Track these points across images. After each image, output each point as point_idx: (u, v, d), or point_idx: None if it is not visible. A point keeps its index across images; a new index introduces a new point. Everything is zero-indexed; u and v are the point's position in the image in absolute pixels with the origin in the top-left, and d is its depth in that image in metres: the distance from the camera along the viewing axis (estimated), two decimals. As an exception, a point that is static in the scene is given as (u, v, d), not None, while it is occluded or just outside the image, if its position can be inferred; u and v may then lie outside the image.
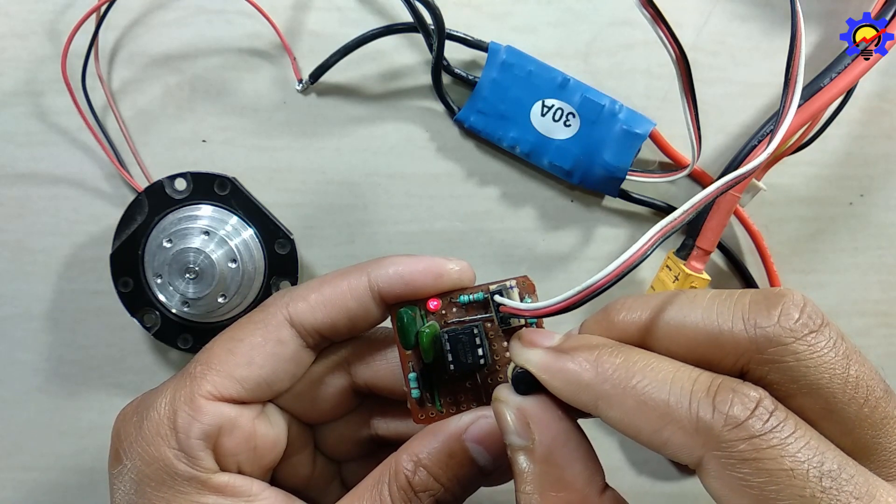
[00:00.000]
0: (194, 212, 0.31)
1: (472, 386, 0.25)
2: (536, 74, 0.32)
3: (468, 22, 0.33)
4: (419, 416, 0.25)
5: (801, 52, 0.24)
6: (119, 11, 0.32)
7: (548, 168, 0.33)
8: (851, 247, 0.35)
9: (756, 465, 0.17)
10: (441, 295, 0.24)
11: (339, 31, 0.32)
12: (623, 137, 0.32)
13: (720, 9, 0.34)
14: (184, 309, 0.31)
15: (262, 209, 0.32)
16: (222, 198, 0.32)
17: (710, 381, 0.18)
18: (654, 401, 0.18)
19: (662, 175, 0.33)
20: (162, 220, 0.31)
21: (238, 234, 0.31)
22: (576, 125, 0.32)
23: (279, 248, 0.32)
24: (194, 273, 0.30)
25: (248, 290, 0.31)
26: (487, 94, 0.32)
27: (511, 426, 0.21)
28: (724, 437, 0.17)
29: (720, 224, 0.32)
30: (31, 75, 0.32)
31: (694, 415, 0.17)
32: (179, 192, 0.31)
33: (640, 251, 0.19)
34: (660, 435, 0.18)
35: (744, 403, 0.17)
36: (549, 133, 0.32)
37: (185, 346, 0.32)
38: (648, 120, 0.32)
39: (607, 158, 0.32)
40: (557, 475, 0.20)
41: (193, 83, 0.33)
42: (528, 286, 0.24)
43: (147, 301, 0.32)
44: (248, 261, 0.31)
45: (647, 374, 0.18)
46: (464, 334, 0.23)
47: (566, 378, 0.20)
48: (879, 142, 0.35)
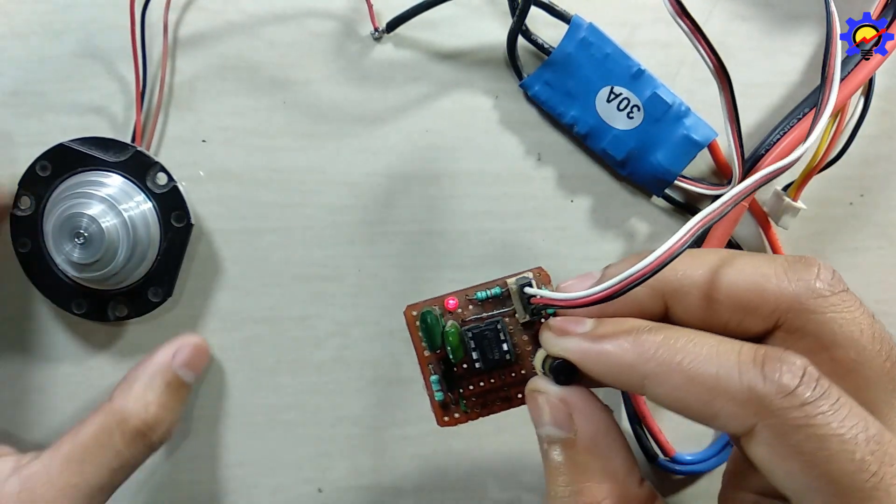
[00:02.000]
0: (101, 178, 0.31)
1: (495, 383, 0.24)
2: (613, 59, 0.32)
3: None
4: (444, 420, 0.24)
5: (836, 49, 0.24)
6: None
7: (601, 154, 0.33)
8: (852, 247, 0.35)
9: (808, 431, 0.17)
10: (457, 292, 0.24)
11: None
12: (682, 142, 0.32)
13: (720, 9, 0.34)
14: (75, 273, 0.30)
15: (178, 191, 0.31)
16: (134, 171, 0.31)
17: (755, 352, 0.18)
18: (703, 375, 0.18)
19: (709, 187, 0.33)
20: (67, 180, 0.31)
21: (138, 206, 0.31)
22: (638, 119, 0.32)
23: (175, 220, 0.31)
24: (83, 238, 0.29)
25: (140, 262, 0.31)
26: (559, 67, 0.32)
27: (550, 417, 0.21)
28: (776, 406, 0.17)
29: (726, 233, 0.32)
30: (31, 75, 0.32)
31: (745, 385, 0.18)
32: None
33: (681, 241, 0.20)
34: (710, 407, 0.18)
35: (792, 371, 0.18)
36: (609, 120, 0.32)
37: (78, 311, 0.32)
38: (711, 129, 0.32)
39: (660, 158, 0.32)
40: (599, 466, 0.20)
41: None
42: (543, 277, 0.24)
43: (45, 264, 0.32)
44: (143, 233, 0.31)
45: (691, 350, 0.19)
46: (488, 330, 0.23)
47: (609, 362, 0.20)
48: (879, 142, 0.35)
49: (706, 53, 0.26)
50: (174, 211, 0.31)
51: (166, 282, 0.32)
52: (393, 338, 0.34)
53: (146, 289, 0.32)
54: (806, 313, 0.19)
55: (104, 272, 0.30)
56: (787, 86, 0.34)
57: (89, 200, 0.30)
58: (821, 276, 0.20)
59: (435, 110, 0.33)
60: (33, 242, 0.31)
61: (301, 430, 0.34)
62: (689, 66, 0.33)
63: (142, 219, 0.31)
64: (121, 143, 0.31)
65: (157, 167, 0.31)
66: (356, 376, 0.34)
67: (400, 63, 0.33)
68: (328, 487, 0.34)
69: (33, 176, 0.31)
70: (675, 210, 0.35)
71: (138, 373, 0.30)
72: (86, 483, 0.28)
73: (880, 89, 0.33)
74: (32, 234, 0.31)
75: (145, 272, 0.31)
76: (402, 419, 0.34)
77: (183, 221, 0.31)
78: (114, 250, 0.30)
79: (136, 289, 0.32)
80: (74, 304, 0.32)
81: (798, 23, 0.34)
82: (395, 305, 0.34)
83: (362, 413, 0.34)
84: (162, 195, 0.31)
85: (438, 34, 0.33)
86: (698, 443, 0.36)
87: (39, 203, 0.31)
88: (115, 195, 0.30)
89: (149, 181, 0.31)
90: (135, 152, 0.31)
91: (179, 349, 0.31)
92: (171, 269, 0.32)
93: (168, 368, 0.30)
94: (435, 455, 0.35)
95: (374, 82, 0.33)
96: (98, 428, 0.28)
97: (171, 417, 0.30)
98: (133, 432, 0.28)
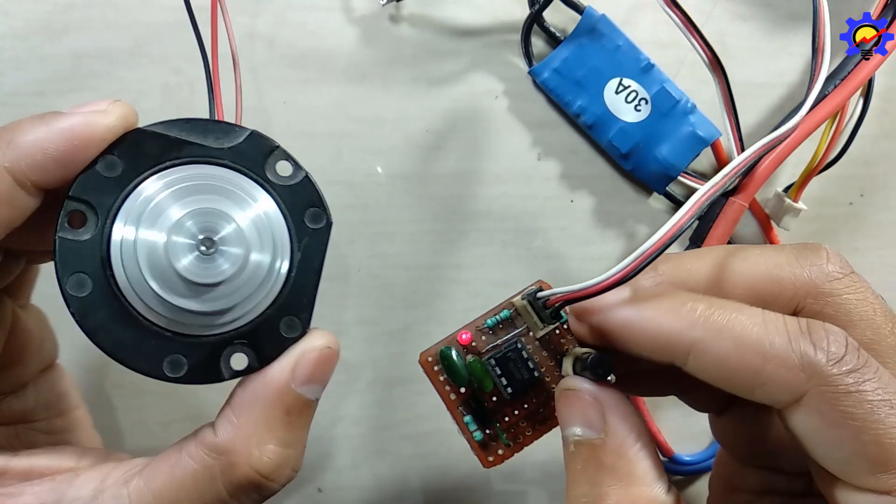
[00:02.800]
0: (205, 171, 0.22)
1: (528, 407, 0.23)
2: (623, 51, 0.32)
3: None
4: (489, 461, 0.23)
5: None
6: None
7: (605, 146, 0.33)
8: (851, 247, 0.35)
9: (859, 396, 0.17)
10: (466, 326, 0.23)
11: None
12: (688, 138, 0.32)
13: (720, 9, 0.34)
14: (191, 306, 0.21)
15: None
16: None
17: (799, 322, 0.19)
18: (754, 342, 0.18)
19: None
20: (145, 181, 0.21)
21: (263, 207, 0.22)
22: (645, 112, 0.32)
23: (311, 220, 0.23)
24: (211, 245, 0.21)
25: (270, 282, 0.22)
26: (569, 56, 0.32)
27: (581, 417, 0.20)
28: (829, 372, 0.18)
29: (725, 233, 0.32)
30: (31, 75, 0.32)
31: (797, 352, 0.18)
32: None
33: (687, 214, 0.19)
34: (759, 376, 0.18)
35: (838, 340, 0.18)
36: (617, 112, 0.32)
37: (174, 373, 0.22)
38: (715, 128, 0.32)
39: (665, 154, 0.32)
40: (627, 469, 0.20)
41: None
42: (545, 289, 0.23)
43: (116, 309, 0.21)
44: (277, 241, 0.22)
45: (737, 317, 0.19)
46: (510, 351, 0.23)
47: (654, 329, 0.19)
48: (879, 142, 0.35)
49: (699, 45, 0.26)
50: (308, 208, 0.22)
51: (303, 307, 0.22)
52: (393, 338, 0.34)
53: (277, 321, 0.22)
54: (823, 297, 0.20)
55: (237, 297, 0.21)
56: (787, 86, 0.34)
57: (210, 195, 0.21)
58: (831, 259, 0.20)
59: (435, 109, 0.33)
60: (95, 281, 0.21)
61: (301, 429, 0.34)
62: (689, 67, 0.33)
63: (271, 222, 0.22)
64: (225, 124, 0.22)
65: (278, 153, 0.22)
66: (356, 376, 0.34)
67: (400, 62, 0.33)
68: (328, 487, 0.34)
69: (93, 179, 0.21)
70: (675, 209, 0.35)
71: (247, 400, 0.22)
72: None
73: (880, 89, 0.33)
74: (94, 268, 0.21)
75: (273, 297, 0.22)
76: (402, 419, 0.34)
77: (321, 221, 0.23)
78: (253, 265, 0.21)
79: (262, 323, 0.22)
80: (168, 365, 0.21)
81: (798, 23, 0.34)
82: (395, 305, 0.34)
83: (362, 413, 0.34)
84: (288, 188, 0.22)
85: (444, 23, 0.33)
86: (697, 443, 0.36)
87: (105, 220, 0.21)
88: (239, 194, 0.22)
89: (268, 171, 0.22)
90: (249, 134, 0.22)
91: (300, 362, 0.22)
92: (309, 289, 0.22)
93: (288, 391, 0.22)
94: (435, 455, 0.35)
95: (374, 82, 0.33)
96: (198, 470, 0.21)
97: (296, 454, 0.22)
98: (243, 482, 0.21)
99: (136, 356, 0.21)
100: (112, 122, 0.20)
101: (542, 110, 0.34)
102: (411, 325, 0.34)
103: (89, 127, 0.20)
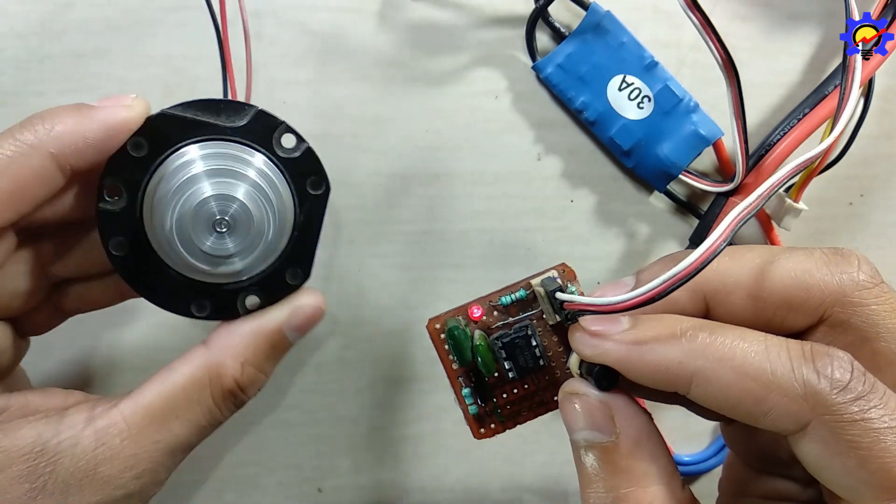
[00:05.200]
0: (220, 149, 0.25)
1: (529, 388, 0.24)
2: (627, 48, 0.32)
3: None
4: (480, 432, 0.24)
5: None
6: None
7: (607, 143, 0.33)
8: (851, 247, 0.35)
9: (864, 425, 0.17)
10: (479, 299, 0.23)
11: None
12: (690, 137, 0.32)
13: (720, 9, 0.34)
14: (209, 268, 0.25)
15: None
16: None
17: (802, 347, 0.18)
18: (756, 371, 0.18)
19: (713, 184, 0.33)
20: (168, 159, 0.25)
21: (271, 177, 0.26)
22: (648, 109, 0.32)
23: (311, 187, 0.27)
24: (226, 225, 0.24)
25: (278, 241, 0.26)
26: (573, 51, 0.32)
27: (588, 421, 0.20)
28: (832, 401, 0.17)
29: None
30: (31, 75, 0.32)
31: (800, 380, 0.18)
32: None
33: (721, 237, 0.19)
34: (762, 405, 0.18)
35: (842, 366, 0.18)
36: (619, 109, 0.32)
37: (200, 313, 0.26)
38: (718, 127, 0.32)
39: (666, 152, 0.32)
40: (643, 470, 0.20)
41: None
42: (568, 273, 0.23)
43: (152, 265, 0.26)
44: (282, 208, 0.26)
45: (740, 346, 0.18)
46: (519, 337, 0.23)
47: (654, 362, 0.19)
48: (879, 142, 0.35)
49: (715, 47, 0.26)
50: (309, 176, 0.26)
51: (305, 260, 0.27)
52: (393, 338, 0.34)
53: (283, 271, 0.27)
54: (851, 306, 0.19)
55: (249, 260, 0.25)
56: (787, 86, 0.34)
57: (226, 180, 0.24)
58: (862, 268, 0.20)
59: (436, 108, 0.33)
60: (132, 242, 0.25)
61: (301, 430, 0.34)
62: (690, 67, 0.33)
63: (277, 191, 0.26)
64: (235, 104, 0.25)
65: (282, 127, 0.26)
66: (356, 376, 0.34)
67: (400, 62, 0.33)
68: (328, 487, 0.34)
69: (124, 158, 0.24)
70: (675, 209, 0.35)
71: (245, 330, 0.26)
72: (172, 440, 0.24)
73: (880, 89, 0.33)
74: (130, 232, 0.25)
75: (280, 252, 0.26)
76: (402, 419, 0.34)
77: (321, 187, 0.26)
78: (261, 233, 0.25)
79: (271, 274, 0.26)
80: (195, 307, 0.26)
81: (798, 23, 0.34)
82: (395, 305, 0.34)
83: (362, 413, 0.34)
84: (292, 160, 0.26)
85: (445, 21, 0.33)
86: (697, 443, 0.36)
87: (136, 193, 0.25)
88: (249, 168, 0.25)
89: (275, 145, 0.26)
90: (257, 112, 0.25)
91: (296, 310, 0.26)
92: (310, 245, 0.27)
93: (279, 329, 0.26)
94: (435, 455, 0.35)
95: (374, 82, 0.33)
96: (190, 380, 0.25)
97: (263, 379, 0.26)
98: (227, 390, 0.25)
99: (167, 301, 0.26)
100: (138, 114, 0.24)
101: (544, 107, 0.34)
102: (411, 325, 0.34)
103: (121, 118, 0.23)
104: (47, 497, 0.23)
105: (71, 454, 0.23)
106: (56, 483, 0.23)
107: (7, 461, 0.22)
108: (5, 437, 0.23)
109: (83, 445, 0.23)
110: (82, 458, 0.23)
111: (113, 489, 0.23)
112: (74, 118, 0.23)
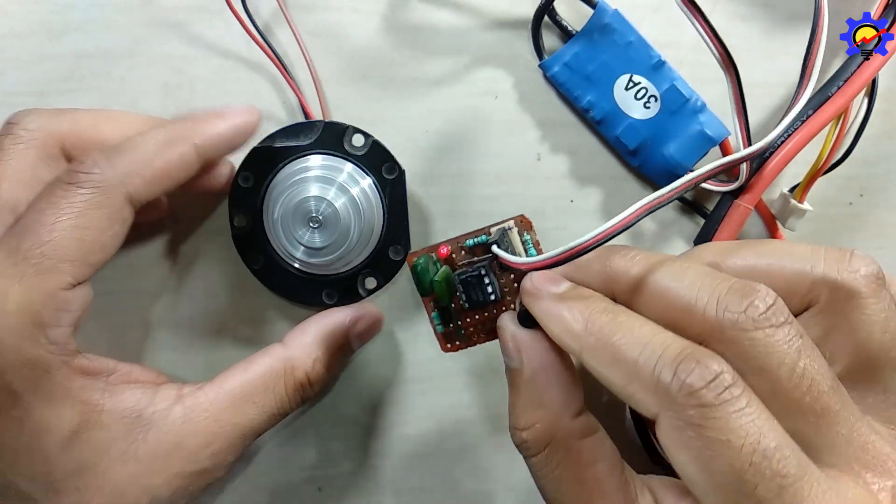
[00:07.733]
0: (305, 163, 0.31)
1: (487, 316, 0.28)
2: (634, 48, 0.32)
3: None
4: (447, 346, 0.28)
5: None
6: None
7: (613, 142, 0.33)
8: (851, 247, 0.35)
9: (699, 430, 0.19)
10: (450, 240, 0.28)
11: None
12: (696, 137, 0.32)
13: (720, 9, 0.34)
14: (318, 260, 0.30)
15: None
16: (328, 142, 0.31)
17: (681, 350, 0.20)
18: (626, 359, 0.20)
19: (718, 184, 0.33)
20: (272, 182, 0.31)
21: (349, 174, 0.31)
22: (654, 109, 0.32)
23: (387, 172, 0.31)
24: (317, 222, 0.30)
25: (371, 227, 0.31)
26: (580, 50, 0.32)
27: (504, 348, 0.25)
28: (676, 401, 0.19)
29: (731, 236, 0.32)
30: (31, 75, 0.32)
31: (655, 377, 0.20)
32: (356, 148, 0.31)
33: (625, 220, 0.22)
34: (626, 388, 0.20)
35: (702, 375, 0.19)
36: (626, 108, 0.32)
37: (330, 300, 0.32)
38: (724, 127, 0.32)
39: (672, 152, 0.32)
40: (538, 396, 0.24)
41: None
42: (525, 223, 0.27)
43: (281, 272, 0.32)
44: (363, 197, 0.31)
45: (626, 335, 0.21)
46: (472, 276, 0.27)
47: (560, 325, 0.23)
48: (879, 142, 0.35)
49: (713, 44, 0.26)
50: (383, 164, 0.31)
51: (402, 236, 0.32)
52: (393, 338, 0.34)
53: (386, 250, 0.31)
54: (723, 342, 0.20)
55: (344, 248, 0.30)
56: (787, 86, 0.34)
57: (309, 186, 0.30)
58: (750, 309, 0.20)
59: (436, 108, 0.33)
60: (266, 258, 0.31)
61: (301, 429, 0.34)
62: (690, 67, 0.33)
63: (357, 184, 0.31)
64: (307, 124, 0.31)
65: (350, 130, 0.31)
66: (356, 376, 0.34)
67: (400, 61, 0.33)
68: (328, 487, 0.34)
69: (238, 191, 0.31)
70: (681, 209, 0.35)
71: (315, 327, 0.30)
72: (247, 423, 0.27)
73: (882, 90, 0.33)
74: (261, 248, 0.31)
75: (380, 234, 0.31)
76: (402, 419, 0.34)
77: (395, 172, 0.31)
78: (347, 225, 0.30)
79: (377, 254, 0.31)
80: (325, 294, 0.32)
81: (798, 23, 0.34)
82: (395, 305, 0.34)
83: (362, 413, 0.34)
84: (364, 155, 0.31)
85: (447, 21, 0.33)
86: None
87: (255, 217, 0.31)
88: (326, 173, 0.30)
89: (346, 146, 0.31)
90: (325, 125, 0.31)
91: (362, 318, 0.31)
92: (402, 222, 0.31)
93: (344, 332, 0.31)
94: (435, 455, 0.35)
95: (374, 82, 0.33)
96: (267, 370, 0.28)
97: (328, 380, 0.30)
98: (298, 383, 0.29)
99: (301, 295, 0.32)
100: (257, 119, 0.30)
101: (547, 107, 0.34)
102: (411, 325, 0.34)
103: (245, 121, 0.29)
104: (136, 463, 0.25)
105: (161, 425, 0.26)
106: (146, 450, 0.25)
107: (110, 421, 0.25)
108: (111, 397, 0.25)
109: (172, 419, 0.26)
110: (171, 430, 0.26)
111: (191, 463, 0.26)
112: (217, 122, 0.28)
